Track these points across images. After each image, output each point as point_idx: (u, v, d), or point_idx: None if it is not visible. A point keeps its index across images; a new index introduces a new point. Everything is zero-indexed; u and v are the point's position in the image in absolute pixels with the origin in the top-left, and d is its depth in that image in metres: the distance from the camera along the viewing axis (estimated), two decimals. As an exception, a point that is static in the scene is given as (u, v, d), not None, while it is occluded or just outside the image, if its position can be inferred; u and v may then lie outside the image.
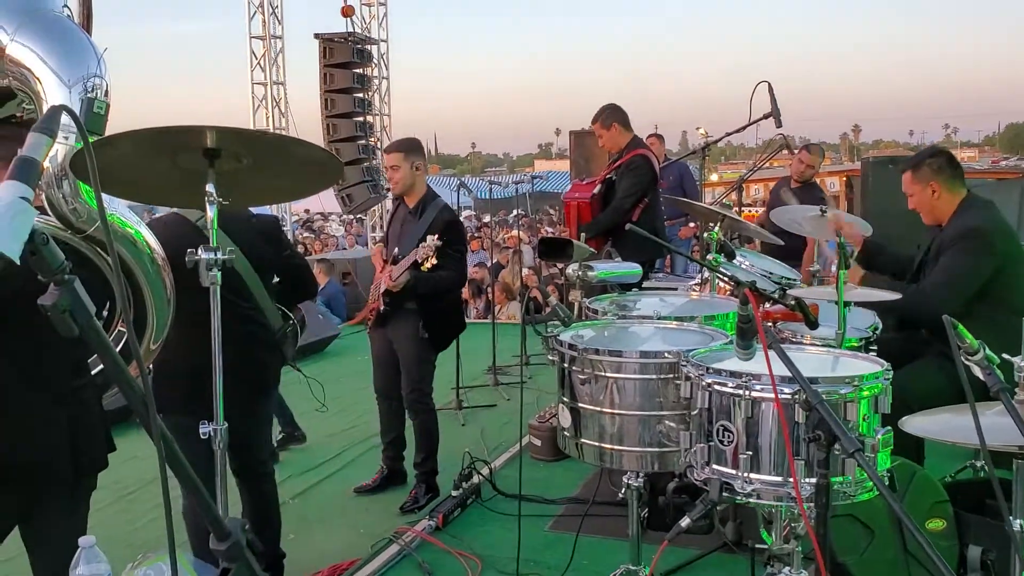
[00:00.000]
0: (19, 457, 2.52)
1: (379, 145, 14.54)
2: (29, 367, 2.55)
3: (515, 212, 15.02)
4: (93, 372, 2.80)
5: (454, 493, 4.50)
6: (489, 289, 10.02)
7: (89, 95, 2.57)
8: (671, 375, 2.72)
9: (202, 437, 2.55)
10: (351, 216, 18.32)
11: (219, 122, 2.34)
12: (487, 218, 17.25)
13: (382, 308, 4.68)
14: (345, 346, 9.07)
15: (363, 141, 13.53)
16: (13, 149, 2.60)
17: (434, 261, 4.40)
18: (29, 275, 1.19)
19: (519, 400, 6.61)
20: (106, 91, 2.64)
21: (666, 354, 2.74)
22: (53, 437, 2.57)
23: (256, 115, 13.37)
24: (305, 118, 13.86)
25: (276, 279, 3.68)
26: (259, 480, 3.69)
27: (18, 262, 1.13)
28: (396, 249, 4.71)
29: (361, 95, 13.43)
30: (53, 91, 2.57)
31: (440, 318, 4.73)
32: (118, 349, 2.17)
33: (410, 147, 4.78)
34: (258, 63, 13.28)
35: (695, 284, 4.53)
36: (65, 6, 2.78)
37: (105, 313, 2.86)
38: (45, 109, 2.57)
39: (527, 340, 7.65)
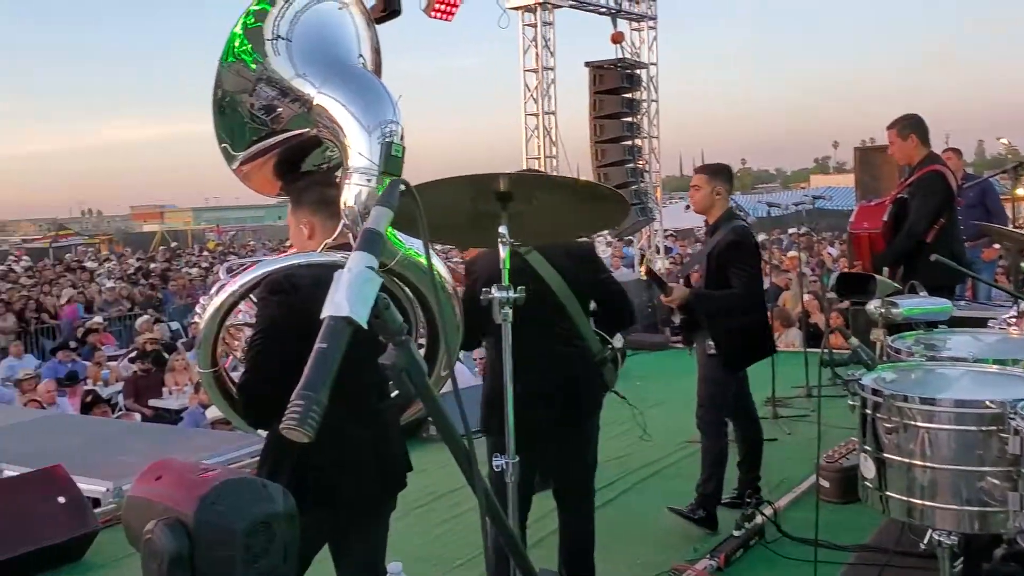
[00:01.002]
0: (331, 477, 2.66)
1: (647, 168, 14.53)
2: (347, 391, 2.72)
3: (791, 231, 14.39)
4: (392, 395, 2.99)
5: (736, 533, 4.34)
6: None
7: (387, 139, 2.72)
8: (994, 427, 2.44)
9: (495, 470, 2.63)
10: (617, 239, 18.43)
11: (493, 152, 2.43)
12: (761, 237, 16.69)
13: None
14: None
15: (631, 164, 13.59)
16: (321, 194, 2.87)
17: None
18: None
19: (803, 435, 6.32)
20: (401, 135, 2.79)
21: (988, 403, 2.47)
22: (362, 457, 2.71)
23: (528, 144, 13.80)
24: (575, 144, 14.14)
25: (593, 305, 3.72)
26: (582, 498, 3.71)
27: (365, 327, 1.21)
28: (696, 266, 4.80)
29: (630, 119, 13.50)
30: (355, 137, 2.75)
31: (731, 336, 4.61)
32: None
33: (715, 171, 4.79)
34: (531, 95, 13.71)
35: (1011, 317, 4.06)
36: (360, 56, 3.01)
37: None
38: (350, 155, 2.78)
39: (808, 370, 7.36)
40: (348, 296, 1.19)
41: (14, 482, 4.86)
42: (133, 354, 12.01)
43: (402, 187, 1.39)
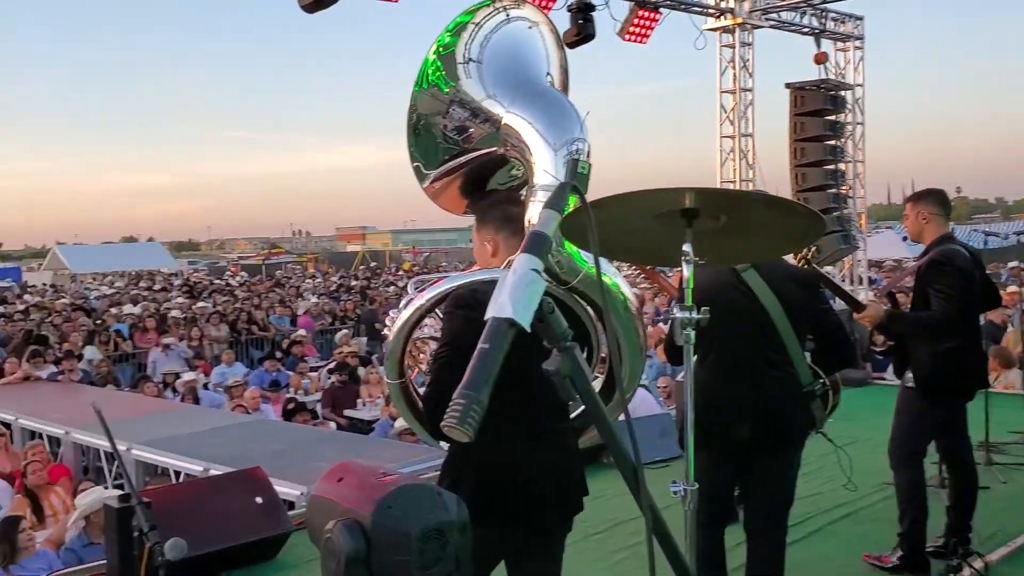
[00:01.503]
0: (510, 495, 2.64)
1: (851, 194, 13.85)
2: (528, 410, 2.72)
3: (1012, 265, 13.27)
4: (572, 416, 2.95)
5: (941, 587, 3.99)
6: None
7: (573, 157, 2.71)
8: None
9: (672, 495, 2.53)
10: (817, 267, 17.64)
11: (684, 177, 2.35)
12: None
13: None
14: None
15: (834, 190, 12.99)
16: (505, 212, 2.88)
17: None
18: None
19: (1020, 485, 5.76)
20: (588, 153, 2.77)
21: None
22: (541, 477, 2.68)
23: (723, 168, 13.50)
24: (772, 169, 13.75)
25: (810, 338, 3.59)
26: (772, 530, 3.55)
27: (528, 330, 1.18)
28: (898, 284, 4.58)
29: (833, 143, 12.93)
30: (541, 155, 2.76)
31: (929, 362, 4.29)
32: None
33: (920, 196, 4.57)
34: (727, 117, 13.42)
35: None
36: (548, 75, 3.01)
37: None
38: (535, 172, 2.78)
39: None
40: (512, 298, 1.16)
41: (218, 481, 5.18)
42: (331, 365, 12.62)
43: (572, 192, 1.34)
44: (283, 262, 49.15)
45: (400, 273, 34.59)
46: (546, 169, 2.74)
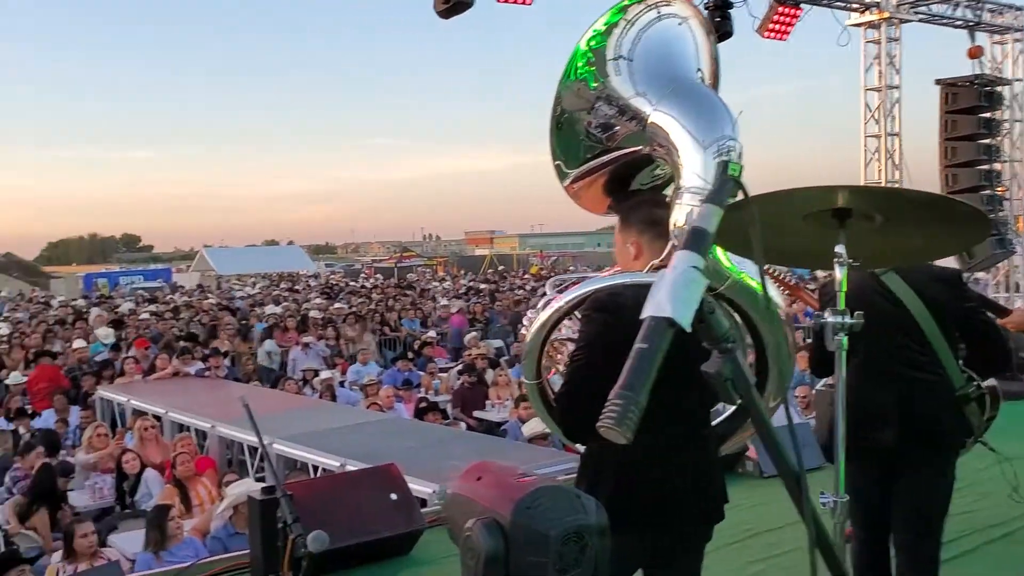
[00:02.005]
0: (651, 500, 2.58)
1: (1007, 195, 13.07)
2: (668, 415, 2.65)
3: None
4: (714, 422, 2.86)
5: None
6: None
7: (723, 157, 2.61)
8: None
9: (822, 507, 2.41)
10: (969, 274, 16.70)
11: (825, 179, 2.23)
12: None
13: None
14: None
15: (988, 191, 12.28)
16: (650, 213, 2.81)
17: None
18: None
19: None
20: (740, 153, 2.67)
21: None
22: (683, 483, 2.62)
23: (868, 169, 12.96)
24: (920, 169, 13.09)
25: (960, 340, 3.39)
26: (922, 543, 3.38)
27: (688, 330, 1.12)
28: None
29: (988, 141, 12.23)
30: (689, 154, 2.67)
31: None
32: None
33: None
34: (872, 115, 12.88)
35: None
36: (698, 70, 2.92)
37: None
38: (682, 172, 2.70)
39: None
40: (671, 296, 1.10)
41: (355, 476, 5.29)
42: (460, 367, 12.79)
43: (734, 187, 1.26)
44: (414, 265, 50.25)
45: (527, 277, 34.80)
46: (694, 169, 2.66)
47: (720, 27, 9.08)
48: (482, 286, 28.41)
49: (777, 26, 10.98)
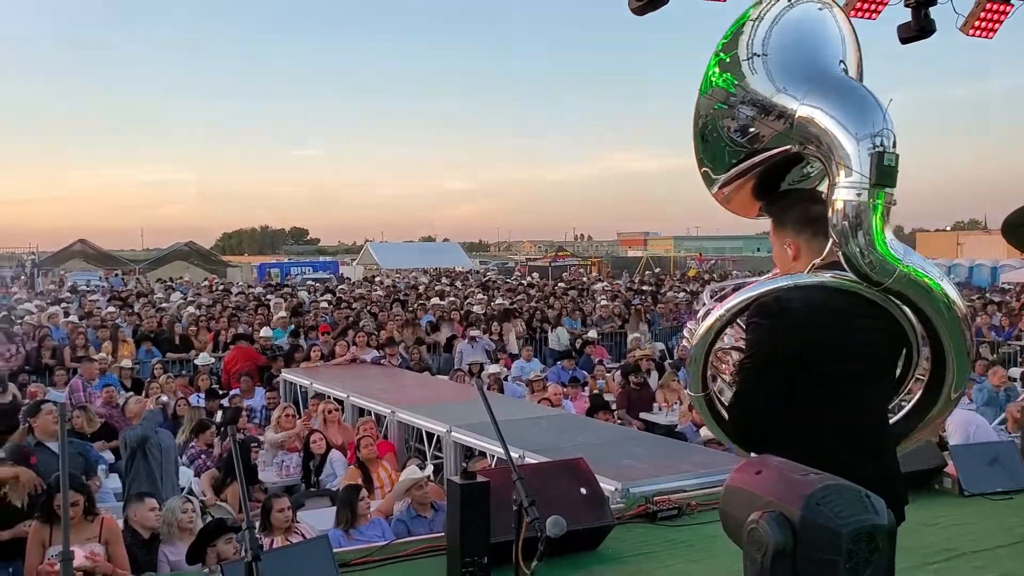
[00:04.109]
0: None
1: None
2: (859, 419, 2.59)
3: None
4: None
5: None
6: None
7: (877, 149, 2.53)
8: None
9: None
10: None
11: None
12: None
13: None
14: None
15: None
16: (806, 212, 2.71)
17: None
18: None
19: None
20: (894, 143, 2.56)
21: None
22: (875, 487, 2.55)
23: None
24: None
25: None
26: None
27: None
28: None
29: None
30: (841, 148, 2.59)
31: None
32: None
33: None
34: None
35: None
36: (842, 62, 2.79)
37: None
38: (836, 167, 2.60)
39: None
40: None
41: (546, 468, 5.37)
42: (624, 368, 12.77)
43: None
44: (568, 264, 50.46)
45: (687, 278, 34.31)
46: (848, 163, 2.56)
47: (923, 24, 8.66)
48: (644, 288, 28.26)
49: (984, 23, 10.34)
